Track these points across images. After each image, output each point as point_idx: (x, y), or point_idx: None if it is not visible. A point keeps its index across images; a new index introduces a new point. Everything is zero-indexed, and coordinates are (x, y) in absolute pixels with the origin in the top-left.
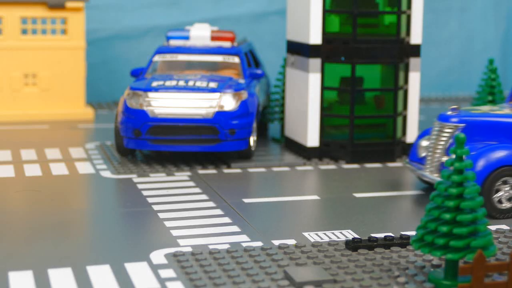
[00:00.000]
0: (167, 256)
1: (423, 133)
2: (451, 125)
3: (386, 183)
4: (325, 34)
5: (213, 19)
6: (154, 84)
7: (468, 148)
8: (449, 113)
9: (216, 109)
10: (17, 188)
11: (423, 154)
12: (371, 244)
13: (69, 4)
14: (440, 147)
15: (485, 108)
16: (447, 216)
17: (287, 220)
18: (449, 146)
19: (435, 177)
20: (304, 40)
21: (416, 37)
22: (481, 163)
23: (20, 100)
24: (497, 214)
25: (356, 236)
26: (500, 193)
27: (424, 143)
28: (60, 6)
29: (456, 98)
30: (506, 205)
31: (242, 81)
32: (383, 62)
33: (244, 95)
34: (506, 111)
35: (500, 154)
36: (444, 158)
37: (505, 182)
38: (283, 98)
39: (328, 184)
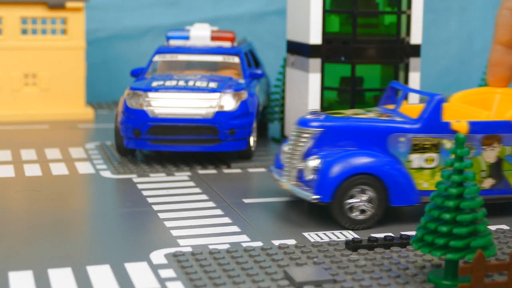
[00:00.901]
0: (167, 256)
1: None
2: (309, 130)
3: None
4: (325, 34)
5: (213, 19)
6: (154, 84)
7: (322, 154)
8: (308, 117)
9: (216, 109)
10: (17, 188)
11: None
12: (371, 244)
13: (69, 4)
14: (298, 153)
15: (349, 112)
16: (447, 216)
17: (287, 220)
18: (308, 152)
19: (292, 186)
20: (304, 40)
21: (416, 37)
22: (335, 170)
23: (20, 100)
24: (347, 223)
25: (356, 236)
26: (352, 201)
27: (287, 148)
28: (60, 6)
29: None
30: (358, 215)
31: (242, 81)
32: (383, 62)
33: (244, 95)
34: (371, 115)
35: (356, 161)
36: (302, 165)
37: (363, 192)
38: (283, 98)
39: None
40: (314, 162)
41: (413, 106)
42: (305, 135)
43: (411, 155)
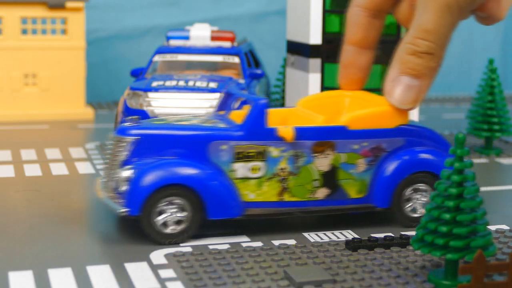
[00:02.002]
0: (167, 256)
1: None
2: (126, 138)
3: None
4: (325, 34)
5: (213, 19)
6: (154, 84)
7: (137, 164)
8: (126, 124)
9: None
10: (17, 188)
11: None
12: (371, 244)
13: (69, 4)
14: (115, 162)
15: (172, 119)
16: (447, 216)
17: (287, 220)
18: (125, 161)
19: (105, 197)
20: (304, 40)
21: None
22: (144, 181)
23: (20, 100)
24: (157, 237)
25: (356, 236)
26: (164, 215)
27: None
28: (60, 6)
29: (456, 98)
30: (171, 229)
31: (242, 81)
32: (383, 62)
33: None
34: (195, 121)
35: (167, 171)
36: (118, 176)
37: (175, 204)
38: (283, 98)
39: None
40: (126, 173)
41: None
42: (122, 144)
43: (235, 164)
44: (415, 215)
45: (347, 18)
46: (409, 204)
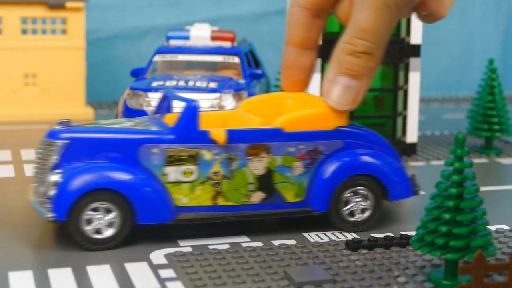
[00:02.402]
0: (167, 256)
1: None
2: (56, 142)
3: None
4: (325, 34)
5: (213, 19)
6: (154, 84)
7: (65, 168)
8: (56, 128)
9: (217, 109)
10: (17, 188)
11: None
12: (371, 244)
13: (69, 4)
14: (46, 167)
15: (105, 122)
16: (447, 216)
17: (287, 220)
18: (55, 165)
19: (33, 201)
20: None
21: (416, 37)
22: (71, 186)
23: (20, 100)
24: (85, 243)
25: (356, 236)
26: (95, 217)
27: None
28: (60, 6)
29: (456, 98)
30: (102, 234)
31: (242, 81)
32: (383, 62)
33: (244, 95)
34: (127, 125)
35: (94, 175)
36: (47, 180)
37: (104, 209)
38: None
39: None
40: (54, 177)
41: None
42: (52, 148)
43: (167, 168)
44: (354, 219)
45: (287, 18)
46: (348, 208)
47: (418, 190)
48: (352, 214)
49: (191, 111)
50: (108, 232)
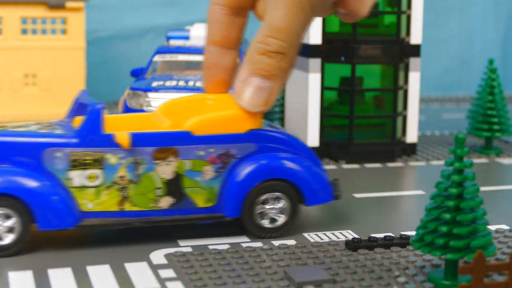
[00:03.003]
0: (167, 256)
1: None
2: None
3: (386, 183)
4: (325, 34)
5: None
6: (154, 84)
7: None
8: None
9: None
10: None
11: None
12: (371, 244)
13: (69, 4)
14: None
15: (10, 125)
16: (447, 216)
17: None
18: None
19: None
20: (304, 40)
21: (416, 37)
22: None
23: (20, 100)
24: None
25: (356, 236)
26: None
27: None
28: (60, 6)
29: (456, 98)
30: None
31: None
32: (383, 62)
33: None
34: (33, 128)
35: None
36: None
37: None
38: (283, 98)
39: None
40: None
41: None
42: None
43: (71, 172)
44: (269, 225)
45: (208, 17)
46: (262, 213)
47: (339, 194)
48: (266, 219)
49: (95, 114)
50: (8, 239)
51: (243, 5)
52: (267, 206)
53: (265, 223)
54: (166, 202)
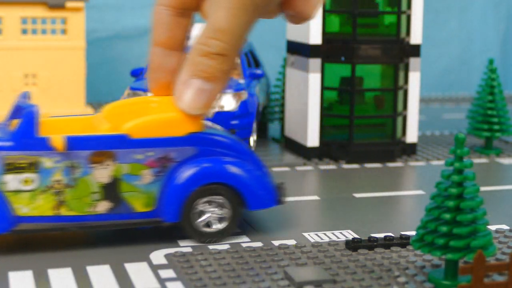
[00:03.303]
0: (167, 256)
1: None
2: None
3: (386, 183)
4: (325, 34)
5: None
6: None
7: None
8: None
9: (216, 109)
10: None
11: None
12: (371, 244)
13: (69, 4)
14: None
15: None
16: (447, 216)
17: (287, 220)
18: None
19: None
20: (304, 40)
21: (416, 37)
22: None
23: None
24: None
25: (356, 236)
26: None
27: None
28: (60, 6)
29: (456, 98)
30: None
31: (242, 81)
32: (383, 62)
33: (244, 95)
34: None
35: None
36: None
37: None
38: (283, 98)
39: (328, 184)
40: None
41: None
42: None
43: (6, 176)
44: (209, 230)
45: (153, 18)
46: (202, 218)
47: (284, 199)
48: (207, 224)
49: (29, 116)
50: None
51: (188, 5)
52: (208, 211)
53: (205, 228)
54: (103, 206)
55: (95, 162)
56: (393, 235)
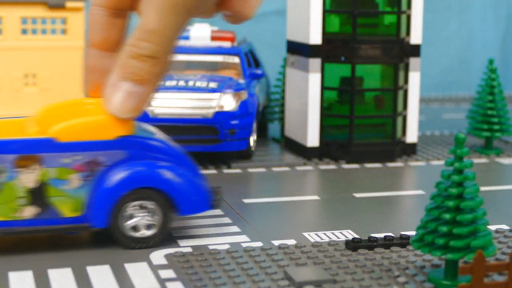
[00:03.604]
0: (167, 256)
1: None
2: None
3: (386, 183)
4: (325, 34)
5: (213, 19)
6: None
7: None
8: None
9: (216, 109)
10: None
11: None
12: (371, 244)
13: (69, 4)
14: None
15: None
16: (447, 216)
17: (287, 220)
18: None
19: None
20: (304, 40)
21: (416, 37)
22: None
23: (20, 100)
24: None
25: (356, 236)
26: None
27: None
28: (60, 6)
29: (456, 98)
30: None
31: (242, 81)
32: (383, 62)
33: (244, 95)
34: None
35: None
36: None
37: None
38: (283, 98)
39: (328, 184)
40: None
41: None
42: None
43: None
44: (139, 235)
45: (89, 20)
46: (129, 222)
47: (218, 203)
48: (135, 228)
49: None
50: None
51: (122, 6)
52: (137, 216)
53: (135, 233)
54: (30, 211)
55: (21, 166)
56: (393, 235)
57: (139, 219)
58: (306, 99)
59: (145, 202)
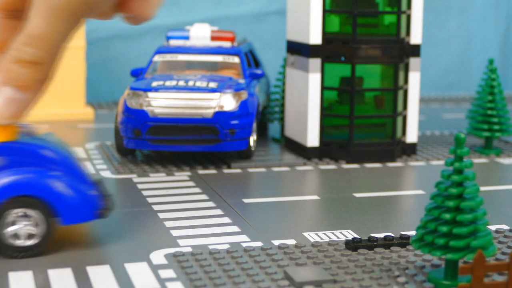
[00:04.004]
0: (167, 256)
1: None
2: None
3: (386, 183)
4: (325, 34)
5: (213, 19)
6: (154, 84)
7: None
8: None
9: (216, 109)
10: None
11: None
12: (371, 244)
13: None
14: None
15: None
16: (447, 216)
17: (287, 220)
18: None
19: None
20: (304, 40)
21: (416, 37)
22: None
23: None
24: None
25: (356, 236)
26: None
27: None
28: None
29: (456, 98)
30: None
31: (242, 81)
32: (383, 62)
33: (244, 95)
34: None
35: None
36: None
37: None
38: (283, 98)
39: (328, 184)
40: None
41: None
42: None
43: None
44: (20, 244)
45: None
46: (8, 229)
47: (106, 212)
48: (17, 236)
49: None
50: None
51: (18, 7)
52: (17, 225)
53: (16, 242)
54: None
55: None
56: (393, 235)
57: (20, 227)
58: (306, 99)
59: (29, 211)
